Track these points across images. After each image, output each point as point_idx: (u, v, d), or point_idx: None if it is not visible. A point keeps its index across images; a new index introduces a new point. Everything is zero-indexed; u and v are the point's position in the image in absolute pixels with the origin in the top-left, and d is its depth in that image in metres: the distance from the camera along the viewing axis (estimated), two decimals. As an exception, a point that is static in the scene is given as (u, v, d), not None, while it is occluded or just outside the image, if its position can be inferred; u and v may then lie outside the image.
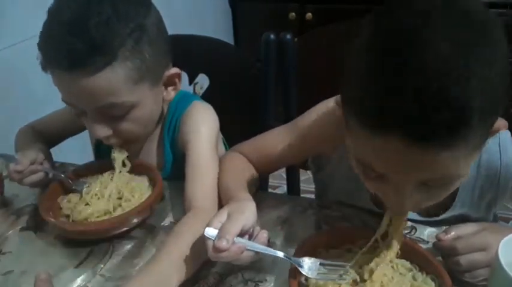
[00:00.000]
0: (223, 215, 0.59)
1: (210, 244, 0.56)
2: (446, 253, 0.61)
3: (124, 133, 0.77)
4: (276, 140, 0.81)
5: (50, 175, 0.81)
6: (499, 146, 0.69)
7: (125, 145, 0.80)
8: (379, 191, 0.58)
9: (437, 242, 0.62)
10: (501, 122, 0.55)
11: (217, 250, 0.55)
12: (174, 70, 0.80)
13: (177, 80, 0.82)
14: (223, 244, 0.54)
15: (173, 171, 0.87)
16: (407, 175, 0.52)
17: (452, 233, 0.61)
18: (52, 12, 0.70)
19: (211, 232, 0.56)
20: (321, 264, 0.59)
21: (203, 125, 0.81)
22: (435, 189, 0.54)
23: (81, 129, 0.99)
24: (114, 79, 0.69)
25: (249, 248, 0.57)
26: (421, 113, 0.45)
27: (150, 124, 0.83)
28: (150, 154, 0.89)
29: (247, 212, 0.60)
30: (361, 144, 0.53)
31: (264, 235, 0.59)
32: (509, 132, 0.70)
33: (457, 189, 0.70)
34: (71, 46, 0.66)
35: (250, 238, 0.60)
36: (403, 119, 0.46)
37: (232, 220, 0.58)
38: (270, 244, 0.70)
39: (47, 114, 0.99)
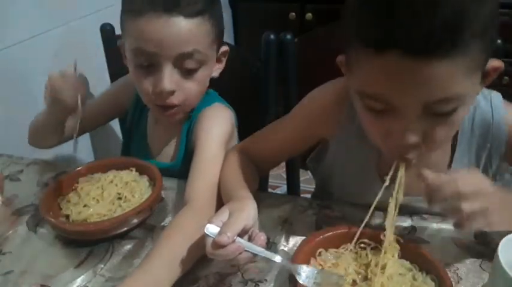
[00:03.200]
0: (224, 213, 0.59)
1: (209, 241, 0.56)
2: (441, 194, 0.55)
3: (187, 91, 0.81)
4: (275, 130, 0.82)
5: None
6: (491, 106, 0.71)
7: (173, 110, 0.83)
8: (383, 132, 0.58)
9: (433, 185, 0.56)
10: (497, 62, 0.57)
11: (217, 245, 0.54)
12: (225, 47, 0.88)
13: (223, 58, 0.89)
14: (224, 239, 0.54)
15: (184, 164, 0.87)
16: (409, 95, 0.52)
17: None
18: None
19: (212, 229, 0.56)
20: (317, 272, 0.58)
21: (216, 126, 0.83)
22: (438, 119, 0.54)
23: (119, 113, 1.03)
24: (203, 28, 0.77)
25: (247, 249, 0.57)
26: (416, 24, 0.47)
27: (203, 92, 0.87)
28: (170, 142, 0.92)
29: (248, 211, 0.60)
30: (365, 72, 0.54)
31: (262, 237, 0.59)
32: (500, 97, 0.72)
33: (454, 152, 0.72)
34: None
35: (249, 240, 0.59)
36: (400, 32, 0.48)
37: (234, 218, 0.58)
38: (269, 245, 0.70)
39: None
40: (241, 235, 0.57)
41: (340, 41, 0.58)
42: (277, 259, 0.59)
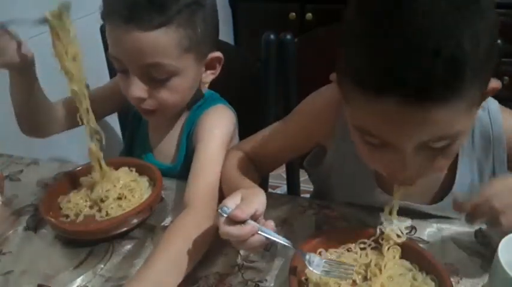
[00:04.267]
0: (237, 197, 0.59)
1: (222, 220, 0.55)
2: (480, 214, 0.57)
3: (159, 99, 0.80)
4: (274, 133, 0.81)
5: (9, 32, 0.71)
6: (490, 118, 0.70)
7: (153, 114, 0.82)
8: (381, 163, 0.58)
9: (471, 204, 0.57)
10: (495, 83, 0.56)
11: (232, 221, 0.54)
12: (218, 54, 0.85)
13: (217, 64, 0.86)
14: (239, 213, 0.54)
15: (184, 165, 0.87)
16: (407, 137, 0.52)
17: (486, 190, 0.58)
18: None
19: (225, 209, 0.56)
20: (325, 262, 0.59)
21: (217, 128, 0.83)
22: (436, 151, 0.54)
23: (119, 106, 0.99)
24: (166, 40, 0.74)
25: (260, 232, 0.56)
26: (414, 71, 0.46)
27: (185, 99, 0.85)
28: (171, 143, 0.92)
29: (261, 197, 0.60)
30: (361, 111, 0.54)
31: (271, 223, 0.59)
32: (497, 103, 0.71)
33: (456, 161, 0.71)
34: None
35: None
36: (398, 79, 0.47)
37: (247, 201, 0.58)
38: (269, 244, 0.70)
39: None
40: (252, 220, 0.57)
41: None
42: (289, 243, 0.59)
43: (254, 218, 0.57)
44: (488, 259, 0.64)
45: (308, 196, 0.97)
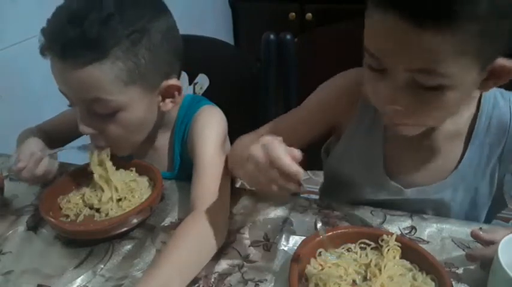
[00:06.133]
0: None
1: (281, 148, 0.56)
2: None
3: (109, 135, 0.76)
4: (284, 122, 0.81)
5: (54, 155, 0.79)
6: (510, 107, 0.71)
7: (113, 148, 0.79)
8: (377, 93, 0.61)
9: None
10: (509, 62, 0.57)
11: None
12: (174, 82, 0.78)
13: (176, 93, 0.79)
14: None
15: (181, 173, 0.87)
16: (395, 56, 0.56)
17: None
18: (65, 0, 0.71)
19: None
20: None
21: (209, 129, 0.81)
22: (425, 94, 0.56)
23: None
24: (102, 76, 0.69)
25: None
26: None
27: (140, 132, 0.81)
28: (161, 157, 0.90)
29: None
30: (368, 27, 0.58)
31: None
32: None
33: (467, 145, 0.73)
34: (65, 35, 0.67)
35: None
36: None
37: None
38: (268, 245, 0.70)
39: (55, 115, 0.98)
40: None
41: (340, 41, 0.59)
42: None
43: None
44: (488, 259, 0.64)
45: (308, 196, 0.97)
